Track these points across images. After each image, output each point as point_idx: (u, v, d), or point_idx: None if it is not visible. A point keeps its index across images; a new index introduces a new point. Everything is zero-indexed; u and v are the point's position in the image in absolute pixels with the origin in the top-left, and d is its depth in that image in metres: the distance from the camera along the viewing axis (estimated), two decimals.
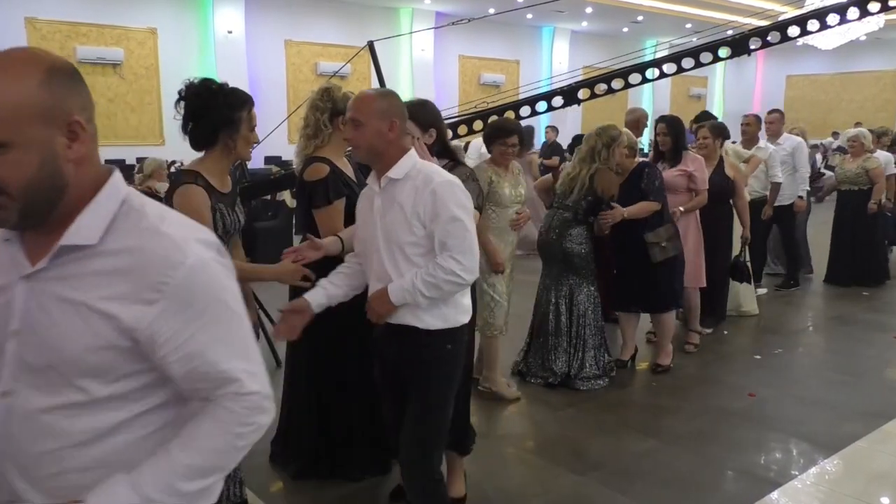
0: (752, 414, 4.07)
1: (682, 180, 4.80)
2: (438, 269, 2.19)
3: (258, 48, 13.72)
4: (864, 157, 6.98)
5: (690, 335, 5.14)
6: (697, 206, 4.88)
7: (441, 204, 2.19)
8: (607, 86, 4.64)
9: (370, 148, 2.25)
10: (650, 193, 4.38)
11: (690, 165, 4.78)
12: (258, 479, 3.25)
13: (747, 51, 4.54)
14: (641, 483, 3.28)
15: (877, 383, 4.57)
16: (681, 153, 4.82)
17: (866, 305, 6.58)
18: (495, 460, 3.51)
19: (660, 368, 4.65)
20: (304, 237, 2.91)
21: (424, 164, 2.31)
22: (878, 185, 6.91)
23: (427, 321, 2.28)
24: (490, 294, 4.05)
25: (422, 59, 15.95)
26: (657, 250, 4.37)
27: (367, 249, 2.39)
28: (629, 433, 3.80)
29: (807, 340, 5.45)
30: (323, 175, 2.99)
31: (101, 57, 12.25)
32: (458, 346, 2.36)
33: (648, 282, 4.52)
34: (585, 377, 4.33)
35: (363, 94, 2.30)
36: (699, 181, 4.81)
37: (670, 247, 4.41)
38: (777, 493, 3.17)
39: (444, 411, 2.37)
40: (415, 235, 2.23)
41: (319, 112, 3.07)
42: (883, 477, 3.34)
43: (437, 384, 2.33)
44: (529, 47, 18.45)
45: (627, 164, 4.44)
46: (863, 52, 19.37)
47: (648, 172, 4.43)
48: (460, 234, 2.21)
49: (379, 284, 2.30)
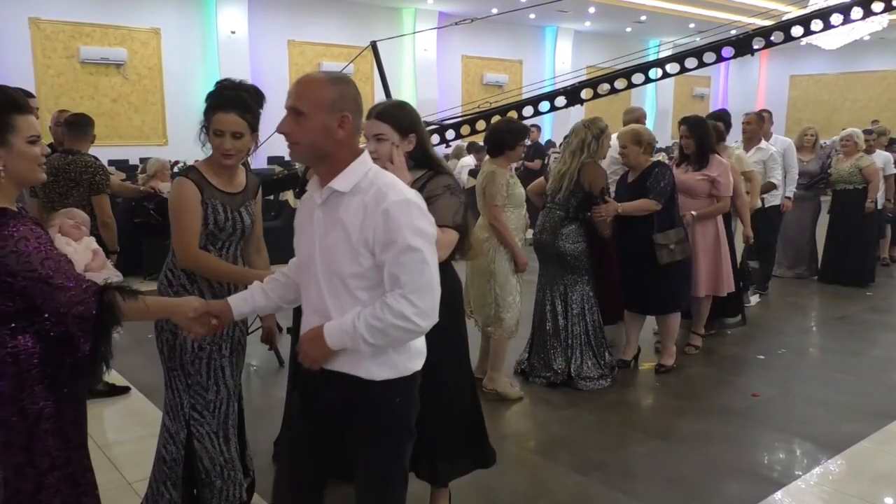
0: (756, 414, 4.06)
1: (705, 185, 4.71)
2: (387, 311, 1.76)
3: (261, 48, 13.74)
4: (857, 157, 7.05)
5: (692, 337, 5.08)
6: (716, 213, 4.80)
7: (395, 229, 1.75)
8: (610, 86, 4.63)
9: (312, 146, 1.81)
10: (651, 192, 4.33)
11: (715, 170, 4.68)
12: (262, 479, 3.25)
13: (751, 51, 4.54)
14: (644, 483, 3.28)
15: (881, 383, 4.56)
16: (707, 156, 4.71)
17: (870, 305, 6.56)
18: (498, 460, 3.50)
19: (663, 369, 4.64)
20: None
21: (379, 175, 1.85)
22: (873, 183, 6.96)
23: (371, 371, 1.86)
24: (503, 297, 4.07)
25: (425, 59, 15.95)
26: (665, 252, 4.31)
27: (303, 273, 1.95)
28: (632, 433, 3.79)
29: (810, 340, 5.44)
30: None
31: (105, 57, 12.27)
32: (408, 396, 1.95)
33: (650, 284, 4.48)
34: (587, 377, 4.33)
35: (308, 77, 1.84)
36: (723, 187, 4.71)
37: (678, 250, 4.36)
38: (781, 493, 3.17)
39: (399, 470, 1.99)
40: (360, 266, 1.79)
41: None
42: (887, 477, 3.33)
43: (386, 442, 1.93)
44: (532, 47, 18.44)
45: (642, 162, 4.42)
46: (867, 51, 19.32)
47: (657, 172, 4.38)
48: (417, 268, 1.76)
49: (315, 318, 1.89)
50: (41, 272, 1.72)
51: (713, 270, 4.78)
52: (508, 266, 4.05)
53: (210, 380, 2.54)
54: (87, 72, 12.18)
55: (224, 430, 2.60)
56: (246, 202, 2.58)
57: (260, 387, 4.68)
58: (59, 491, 1.88)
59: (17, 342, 1.79)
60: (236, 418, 2.70)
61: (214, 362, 2.54)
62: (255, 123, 2.45)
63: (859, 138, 7.14)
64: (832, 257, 7.28)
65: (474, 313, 4.19)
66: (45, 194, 4.15)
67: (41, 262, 1.72)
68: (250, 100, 2.43)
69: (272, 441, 3.51)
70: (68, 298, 1.74)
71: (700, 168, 4.70)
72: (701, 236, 4.72)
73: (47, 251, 1.75)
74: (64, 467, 1.90)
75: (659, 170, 4.38)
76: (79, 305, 1.75)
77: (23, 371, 1.79)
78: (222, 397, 2.58)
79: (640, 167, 4.41)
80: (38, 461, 1.85)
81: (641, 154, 4.38)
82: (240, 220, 2.53)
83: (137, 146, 12.33)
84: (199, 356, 2.50)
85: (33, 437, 1.83)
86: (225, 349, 2.56)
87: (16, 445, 1.82)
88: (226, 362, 2.57)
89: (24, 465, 1.83)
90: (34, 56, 11.65)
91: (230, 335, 2.57)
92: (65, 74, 11.98)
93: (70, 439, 1.91)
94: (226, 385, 2.58)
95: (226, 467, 2.60)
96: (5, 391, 1.78)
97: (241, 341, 2.66)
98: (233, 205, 2.52)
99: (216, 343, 2.52)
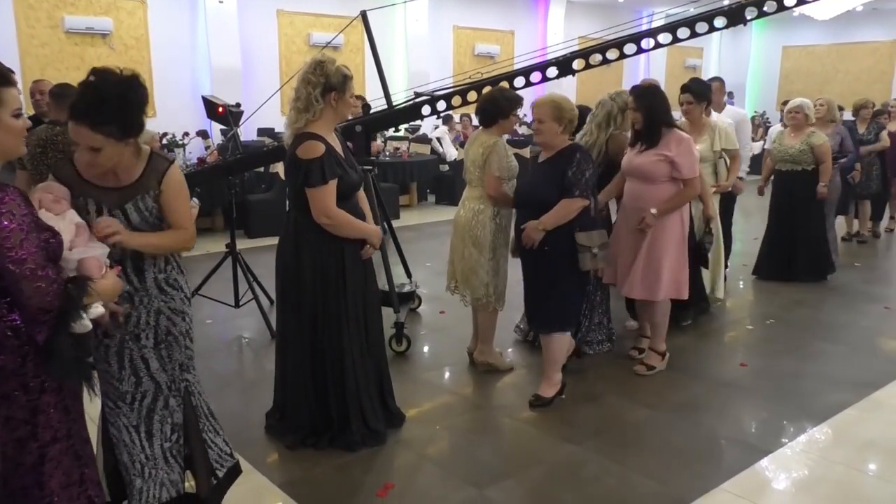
0: (744, 384, 4.12)
1: (663, 166, 3.86)
2: None
3: (250, 18, 13.52)
4: (809, 132, 5.97)
5: (650, 355, 4.24)
6: (680, 205, 3.95)
7: None
8: (602, 56, 4.58)
9: None
10: (576, 186, 3.49)
11: (673, 148, 3.84)
12: (254, 450, 3.28)
13: (743, 20, 4.48)
14: (635, 452, 3.32)
15: (868, 353, 4.62)
16: (659, 131, 3.89)
17: (859, 276, 6.62)
18: (491, 431, 3.54)
19: (539, 402, 3.72)
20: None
21: None
22: (825, 164, 5.93)
23: None
24: (495, 269, 4.06)
25: (416, 29, 15.76)
26: (587, 256, 3.54)
27: None
28: (623, 403, 3.84)
29: (799, 311, 5.49)
30: (319, 153, 2.99)
31: (90, 27, 12.04)
32: None
33: (539, 293, 3.72)
34: (589, 341, 4.45)
35: None
36: (684, 168, 3.84)
37: (601, 257, 3.61)
38: (767, 460, 3.22)
39: None
40: None
41: (311, 86, 3.02)
42: (872, 444, 3.39)
43: None
44: (524, 17, 18.24)
45: (559, 143, 3.60)
46: (859, 22, 19.21)
47: (580, 159, 3.53)
48: None
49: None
50: (16, 254, 1.67)
51: (677, 269, 4.01)
52: (501, 239, 4.05)
53: (124, 370, 2.36)
54: (73, 42, 11.97)
55: (147, 425, 2.42)
56: (137, 196, 2.28)
57: (252, 359, 4.69)
58: (61, 463, 1.89)
59: (15, 315, 1.76)
60: (178, 416, 2.48)
61: (130, 352, 2.36)
62: (118, 133, 2.13)
63: (810, 110, 6.02)
64: (771, 250, 6.33)
65: (460, 288, 4.19)
66: (33, 166, 4.09)
67: (20, 242, 1.68)
68: (106, 107, 2.10)
69: (264, 412, 3.53)
70: (34, 290, 1.69)
71: (652, 146, 3.91)
72: (660, 230, 3.93)
73: (27, 233, 1.70)
74: (66, 439, 1.90)
75: (581, 156, 3.56)
76: (45, 297, 1.70)
77: (24, 344, 1.78)
78: (145, 390, 2.40)
79: (555, 148, 3.60)
80: (41, 434, 1.84)
81: (561, 133, 3.57)
82: (123, 219, 2.25)
83: None
84: (107, 343, 2.33)
85: (36, 411, 1.82)
86: (145, 339, 2.37)
87: (18, 419, 1.81)
88: (149, 353, 2.38)
89: (27, 438, 1.83)
90: (17, 26, 11.44)
91: (153, 324, 2.37)
92: (49, 45, 11.77)
93: (70, 411, 1.91)
94: (151, 378, 2.40)
95: (146, 465, 2.41)
96: (7, 365, 1.77)
97: (170, 330, 2.41)
98: (113, 202, 2.26)
99: (132, 332, 2.34)
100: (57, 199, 2.03)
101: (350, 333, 3.19)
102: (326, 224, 3.06)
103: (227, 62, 12.34)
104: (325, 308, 3.16)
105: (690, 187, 3.94)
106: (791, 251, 6.20)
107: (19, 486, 1.84)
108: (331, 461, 3.19)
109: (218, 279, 5.22)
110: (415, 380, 4.16)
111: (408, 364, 4.41)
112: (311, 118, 3.04)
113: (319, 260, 3.13)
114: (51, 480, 1.87)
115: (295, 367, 3.27)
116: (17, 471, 1.83)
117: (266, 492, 2.98)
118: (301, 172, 3.01)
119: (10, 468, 1.82)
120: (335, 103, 3.07)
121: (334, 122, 3.18)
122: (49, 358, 1.78)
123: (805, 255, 6.16)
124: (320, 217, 3.05)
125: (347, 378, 3.21)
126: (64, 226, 1.94)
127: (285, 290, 3.25)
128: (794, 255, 6.19)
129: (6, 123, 1.77)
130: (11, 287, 1.71)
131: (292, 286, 3.20)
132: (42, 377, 1.82)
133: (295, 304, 3.20)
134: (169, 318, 2.41)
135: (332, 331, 3.17)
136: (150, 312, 2.38)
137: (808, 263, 6.17)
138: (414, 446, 3.37)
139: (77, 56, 12.18)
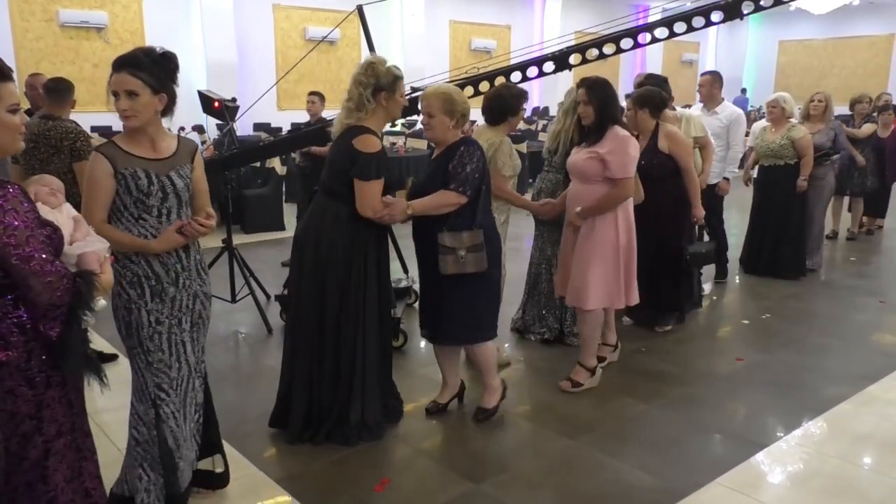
0: (740, 378, 4.13)
1: (595, 165, 3.62)
2: None
3: (246, 13, 13.48)
4: (789, 126, 5.94)
5: (577, 371, 3.92)
6: (608, 206, 3.64)
7: None
8: (599, 51, 4.58)
9: None
10: (453, 179, 3.21)
11: (607, 145, 3.59)
12: (253, 445, 3.29)
13: (740, 15, 4.48)
14: (631, 446, 3.33)
15: (863, 347, 4.63)
16: (604, 129, 3.63)
17: (854, 271, 6.64)
18: (486, 425, 3.55)
19: (483, 415, 3.55)
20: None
21: None
22: (806, 158, 5.88)
23: None
24: None
25: (412, 24, 15.73)
26: (450, 259, 3.21)
27: None
28: (619, 398, 3.85)
29: (795, 305, 5.51)
30: (378, 149, 3.11)
31: (85, 21, 12.00)
32: None
33: (433, 301, 3.42)
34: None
35: None
36: (614, 167, 3.57)
37: (470, 260, 3.22)
38: (762, 454, 3.23)
39: None
40: None
41: (363, 87, 3.13)
42: (866, 438, 3.41)
43: None
44: (521, 12, 18.23)
45: (450, 137, 3.30)
46: (856, 16, 19.24)
47: (463, 152, 3.22)
48: None
49: None
50: (23, 251, 1.66)
51: (610, 279, 3.72)
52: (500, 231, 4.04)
53: (172, 356, 2.47)
54: (68, 36, 11.92)
55: (184, 408, 2.54)
56: (177, 166, 2.45)
57: (248, 354, 4.69)
58: (65, 457, 1.89)
59: (20, 311, 1.76)
60: (200, 397, 2.64)
61: (175, 337, 2.46)
62: (153, 82, 2.32)
63: (787, 103, 5.96)
64: (754, 245, 6.32)
65: None
66: (25, 161, 4.09)
67: (26, 239, 1.67)
68: (144, 58, 2.33)
69: (261, 407, 3.52)
70: (45, 286, 1.69)
71: (594, 143, 3.66)
72: (589, 234, 3.69)
73: (32, 229, 1.69)
74: (69, 433, 1.90)
75: (466, 149, 3.24)
76: (56, 292, 1.70)
77: (30, 340, 1.77)
78: (184, 374, 2.52)
79: (445, 143, 3.31)
80: (46, 429, 1.84)
81: (453, 128, 3.28)
82: (170, 184, 2.40)
83: None
84: (158, 331, 2.42)
85: (42, 406, 1.82)
86: (185, 323, 2.49)
87: (23, 414, 1.80)
88: (186, 337, 2.50)
89: (32, 433, 1.82)
90: (12, 20, 11.38)
91: (190, 308, 2.49)
92: (44, 38, 11.72)
93: (73, 405, 1.91)
94: (186, 362, 2.52)
95: (183, 446, 2.54)
96: (13, 361, 1.76)
97: (202, 314, 2.56)
98: (159, 170, 2.39)
99: (175, 316, 2.45)
100: (52, 192, 2.01)
101: (368, 325, 3.22)
102: (370, 217, 3.12)
103: (222, 56, 12.31)
104: (346, 297, 3.18)
105: (621, 188, 3.62)
106: (773, 246, 6.18)
107: (23, 480, 1.84)
108: (328, 456, 3.19)
109: (214, 274, 5.11)
110: (411, 375, 4.16)
111: (404, 359, 4.41)
112: (363, 116, 3.15)
113: (350, 249, 3.16)
114: (55, 475, 1.87)
115: (302, 359, 3.26)
116: (20, 466, 1.83)
117: (263, 486, 2.98)
118: (356, 164, 3.07)
119: (14, 463, 1.82)
120: (386, 102, 3.17)
121: (385, 121, 3.30)
122: (62, 353, 1.78)
123: (787, 251, 6.14)
124: (366, 210, 3.10)
125: (356, 369, 3.23)
126: (62, 219, 1.93)
127: (304, 276, 3.23)
128: (776, 250, 6.17)
129: (2, 119, 1.76)
130: (20, 284, 1.70)
131: (316, 273, 3.18)
132: (47, 372, 1.81)
133: (317, 291, 3.19)
134: (202, 301, 2.56)
135: (351, 321, 3.19)
136: (189, 295, 2.49)
137: (790, 259, 6.15)
138: (410, 441, 3.37)
139: (72, 50, 12.12)
